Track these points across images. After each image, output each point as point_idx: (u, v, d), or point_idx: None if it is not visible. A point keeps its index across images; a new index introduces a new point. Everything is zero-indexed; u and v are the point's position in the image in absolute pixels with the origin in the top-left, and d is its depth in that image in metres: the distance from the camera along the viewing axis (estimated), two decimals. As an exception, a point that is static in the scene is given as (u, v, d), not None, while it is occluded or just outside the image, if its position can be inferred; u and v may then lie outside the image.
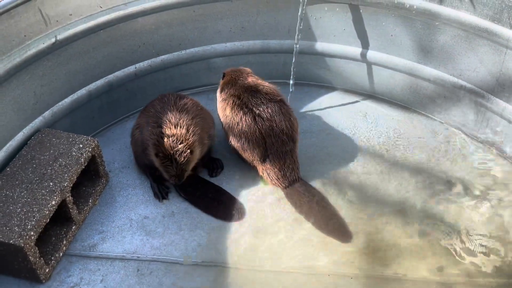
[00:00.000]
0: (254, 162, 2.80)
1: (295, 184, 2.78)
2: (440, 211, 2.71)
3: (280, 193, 2.81)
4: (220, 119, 2.92)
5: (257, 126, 2.73)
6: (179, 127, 2.60)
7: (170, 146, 2.56)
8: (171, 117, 2.65)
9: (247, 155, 2.80)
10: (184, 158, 2.57)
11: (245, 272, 2.45)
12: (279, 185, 2.78)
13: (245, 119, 2.74)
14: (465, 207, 2.73)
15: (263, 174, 2.81)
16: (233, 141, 2.81)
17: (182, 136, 2.59)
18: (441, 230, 2.62)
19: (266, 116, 2.73)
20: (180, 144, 2.57)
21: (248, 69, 3.04)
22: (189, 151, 2.58)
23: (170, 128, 2.59)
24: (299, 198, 2.74)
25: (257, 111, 2.74)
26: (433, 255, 2.50)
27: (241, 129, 2.75)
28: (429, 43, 3.04)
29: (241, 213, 2.68)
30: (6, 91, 2.54)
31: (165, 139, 2.57)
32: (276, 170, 2.75)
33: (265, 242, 2.57)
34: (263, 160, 2.76)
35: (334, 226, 2.64)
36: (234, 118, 2.78)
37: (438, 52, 3.05)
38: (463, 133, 3.18)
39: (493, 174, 2.91)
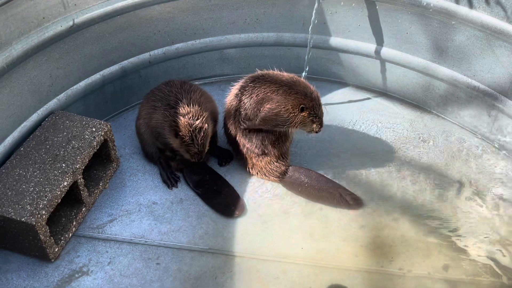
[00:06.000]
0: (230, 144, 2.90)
1: (287, 173, 2.81)
2: (448, 211, 2.71)
3: (288, 185, 2.83)
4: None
5: (232, 104, 2.75)
6: (191, 105, 2.63)
7: (189, 123, 2.59)
8: (181, 97, 2.68)
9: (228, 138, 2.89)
10: (203, 133, 2.60)
11: (250, 261, 2.47)
12: (268, 178, 2.84)
13: (231, 94, 2.79)
14: (474, 208, 2.73)
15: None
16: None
17: (197, 112, 2.62)
18: (448, 229, 2.62)
19: (245, 103, 2.69)
20: (197, 120, 2.60)
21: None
22: (206, 125, 2.62)
23: (184, 107, 2.62)
24: (297, 184, 2.78)
25: (242, 95, 2.71)
26: (438, 253, 2.51)
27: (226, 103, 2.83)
28: (444, 42, 3.03)
29: (240, 210, 2.69)
30: (23, 72, 2.58)
31: (181, 118, 2.60)
32: (251, 163, 2.83)
33: (271, 232, 2.60)
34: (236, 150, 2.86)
35: (341, 197, 2.71)
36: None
37: (453, 51, 3.04)
38: (474, 134, 3.18)
39: (503, 176, 2.90)
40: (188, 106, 2.63)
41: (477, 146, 3.10)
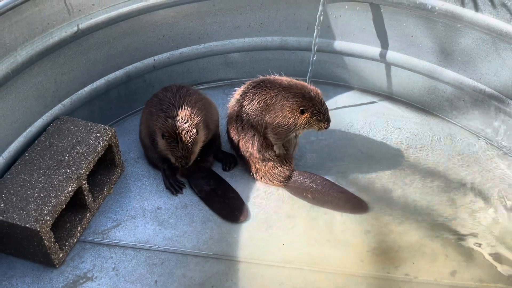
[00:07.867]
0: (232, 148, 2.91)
1: (291, 178, 2.79)
2: (454, 215, 2.68)
3: (293, 189, 2.82)
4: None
5: (234, 109, 2.75)
6: (183, 109, 2.63)
7: (175, 125, 2.58)
8: (174, 101, 2.68)
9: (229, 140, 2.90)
10: (190, 137, 2.59)
11: (255, 267, 2.46)
12: (272, 183, 2.82)
13: (233, 99, 2.80)
14: (480, 212, 2.70)
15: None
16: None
17: (187, 116, 2.61)
18: (454, 234, 2.59)
19: (246, 109, 2.69)
20: (185, 123, 2.59)
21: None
22: (195, 130, 2.60)
23: (174, 111, 2.62)
24: (302, 189, 2.77)
25: (243, 100, 2.71)
26: (445, 258, 2.48)
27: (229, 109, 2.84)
28: (450, 45, 3.01)
29: (244, 215, 2.67)
30: (28, 77, 2.59)
31: (170, 120, 2.60)
32: (255, 168, 2.82)
33: (275, 238, 2.58)
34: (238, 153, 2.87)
35: (346, 202, 2.71)
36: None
37: (458, 54, 3.02)
38: (480, 137, 3.15)
39: (509, 180, 2.87)
40: (179, 109, 2.63)
41: (483, 149, 3.08)
